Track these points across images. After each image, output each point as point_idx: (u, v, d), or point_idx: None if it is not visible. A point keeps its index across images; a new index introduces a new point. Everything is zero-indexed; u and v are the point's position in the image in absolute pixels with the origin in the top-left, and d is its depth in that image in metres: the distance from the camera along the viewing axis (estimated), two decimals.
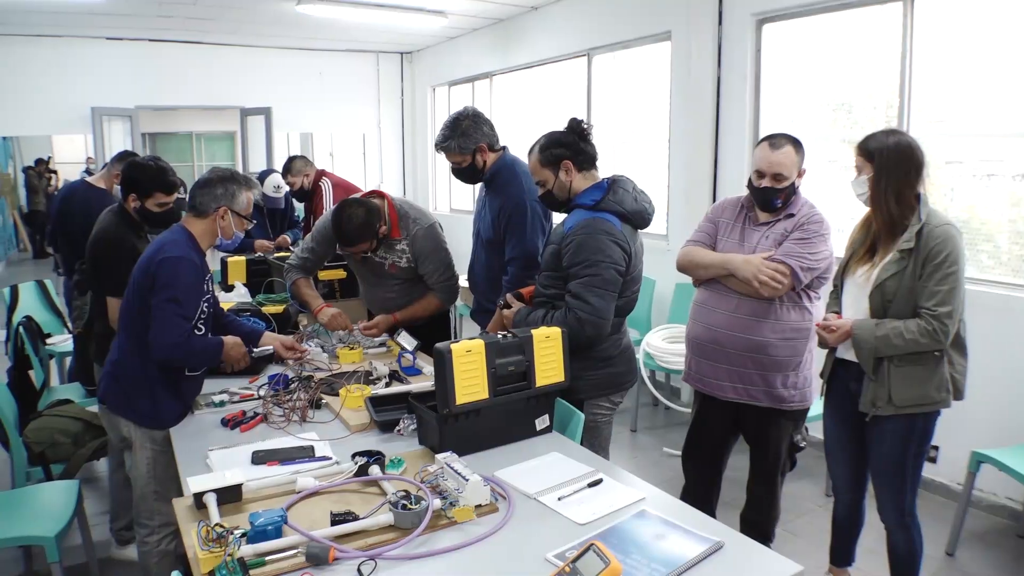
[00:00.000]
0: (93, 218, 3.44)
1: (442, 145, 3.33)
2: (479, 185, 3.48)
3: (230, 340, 2.76)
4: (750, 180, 2.84)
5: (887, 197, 2.48)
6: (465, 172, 3.37)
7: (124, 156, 4.96)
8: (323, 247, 3.58)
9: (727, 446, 3.14)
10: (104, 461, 3.71)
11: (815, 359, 2.87)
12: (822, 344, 2.74)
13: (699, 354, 2.96)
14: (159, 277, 2.49)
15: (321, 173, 5.54)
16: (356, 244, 3.33)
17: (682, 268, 2.99)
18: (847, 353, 2.66)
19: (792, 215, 2.81)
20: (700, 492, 3.13)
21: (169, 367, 2.58)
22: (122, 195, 3.32)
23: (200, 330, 2.66)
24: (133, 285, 2.60)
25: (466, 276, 3.67)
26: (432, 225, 3.51)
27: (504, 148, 3.38)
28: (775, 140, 2.80)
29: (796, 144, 2.79)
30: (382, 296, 3.63)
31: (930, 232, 2.43)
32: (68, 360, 5.00)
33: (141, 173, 3.22)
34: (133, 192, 3.22)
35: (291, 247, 5.88)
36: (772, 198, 2.78)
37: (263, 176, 5.89)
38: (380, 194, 3.50)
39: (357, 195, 3.59)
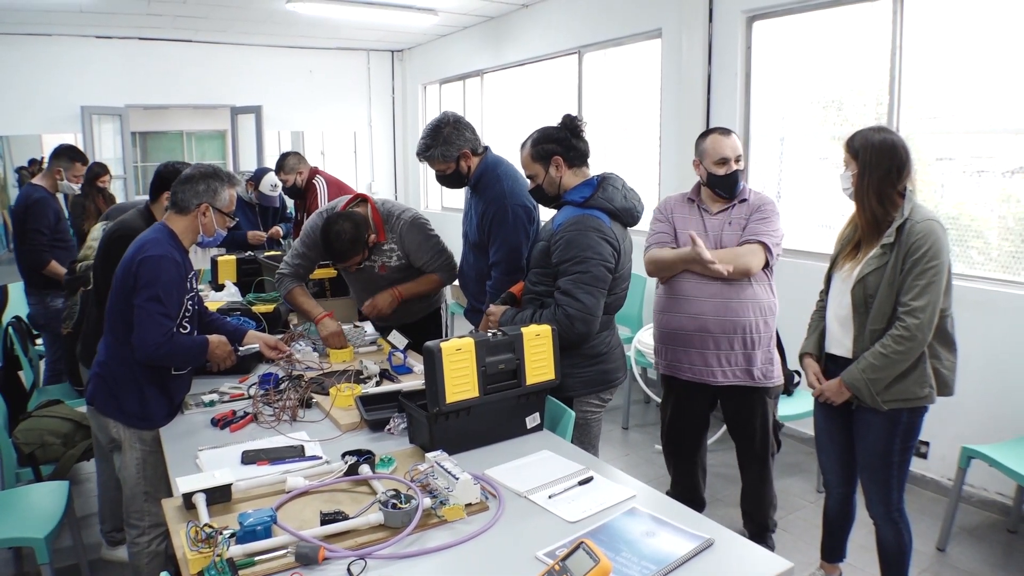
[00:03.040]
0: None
1: (424, 154, 3.25)
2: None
3: (215, 339, 2.74)
4: (710, 174, 3.00)
5: (868, 194, 2.50)
6: (450, 179, 3.30)
7: (61, 151, 4.96)
8: (315, 251, 3.52)
9: (705, 432, 3.32)
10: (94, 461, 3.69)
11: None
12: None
13: (684, 344, 3.04)
14: (140, 276, 2.48)
15: (315, 171, 5.52)
16: (349, 259, 3.31)
17: (652, 272, 3.12)
18: (836, 348, 2.69)
19: (746, 200, 3.02)
20: (689, 481, 3.27)
21: (154, 366, 2.57)
22: (151, 195, 3.29)
23: (185, 329, 2.65)
24: (116, 285, 2.58)
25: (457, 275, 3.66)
26: (415, 217, 3.49)
27: (487, 148, 3.30)
28: (722, 129, 3.05)
29: (734, 132, 3.07)
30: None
31: (912, 227, 2.44)
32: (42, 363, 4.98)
33: (174, 175, 3.21)
34: (166, 191, 3.20)
35: (282, 240, 5.89)
36: (739, 180, 3.01)
37: (260, 175, 5.86)
38: (363, 198, 3.47)
39: (340, 202, 3.55)
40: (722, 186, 3.00)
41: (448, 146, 3.18)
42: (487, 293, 3.22)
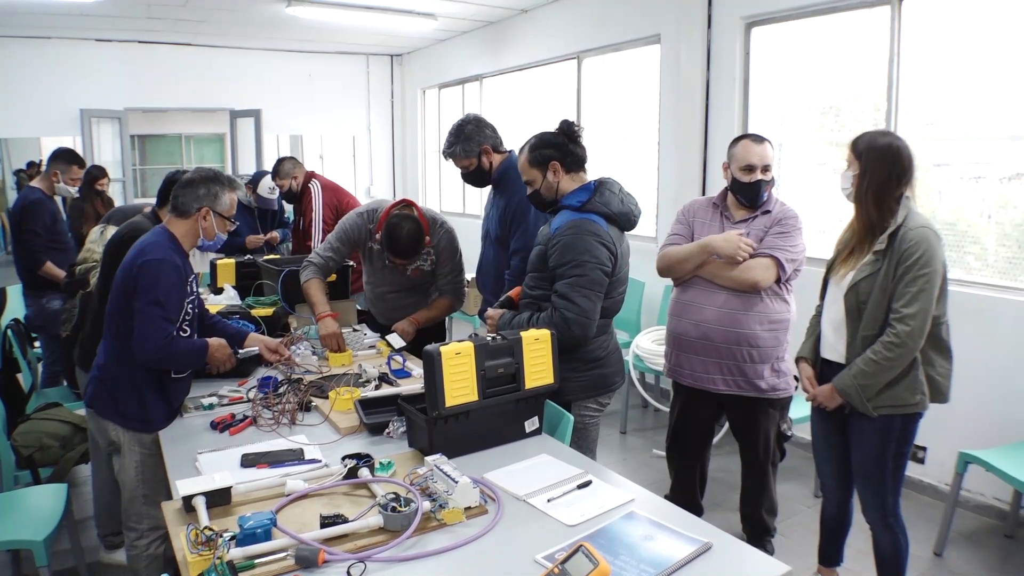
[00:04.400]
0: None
1: (448, 151, 3.44)
2: (486, 189, 3.55)
3: (215, 342, 2.75)
4: (734, 178, 2.98)
5: (867, 197, 2.51)
6: (474, 175, 3.46)
7: (59, 155, 4.97)
8: (347, 247, 3.61)
9: (710, 437, 3.33)
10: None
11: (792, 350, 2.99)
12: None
13: (687, 350, 3.06)
14: (140, 280, 2.48)
15: (310, 175, 5.53)
16: (412, 257, 3.39)
17: (663, 269, 3.11)
18: (830, 353, 2.69)
19: (769, 211, 2.99)
20: (687, 487, 3.28)
21: (154, 370, 2.57)
22: (159, 200, 3.30)
23: (185, 332, 2.65)
24: (116, 288, 2.58)
25: (473, 275, 3.75)
26: (452, 230, 3.63)
27: (511, 151, 3.45)
28: (755, 136, 2.99)
29: (769, 141, 3.00)
30: (393, 297, 3.68)
31: (904, 234, 2.44)
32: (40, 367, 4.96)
33: None
34: None
35: (279, 244, 5.91)
36: (762, 191, 2.96)
37: (257, 178, 5.89)
38: (408, 203, 3.53)
39: (383, 204, 3.61)
40: (744, 193, 2.98)
41: (469, 142, 3.37)
42: (506, 282, 3.29)
